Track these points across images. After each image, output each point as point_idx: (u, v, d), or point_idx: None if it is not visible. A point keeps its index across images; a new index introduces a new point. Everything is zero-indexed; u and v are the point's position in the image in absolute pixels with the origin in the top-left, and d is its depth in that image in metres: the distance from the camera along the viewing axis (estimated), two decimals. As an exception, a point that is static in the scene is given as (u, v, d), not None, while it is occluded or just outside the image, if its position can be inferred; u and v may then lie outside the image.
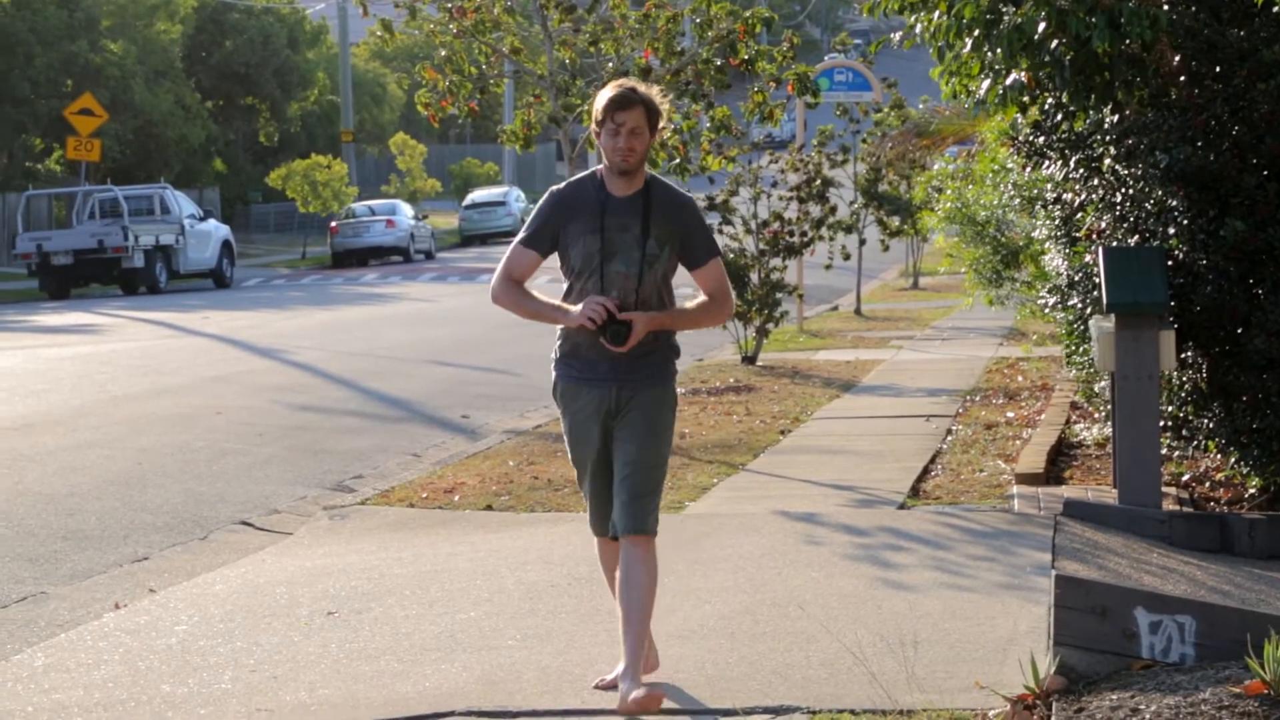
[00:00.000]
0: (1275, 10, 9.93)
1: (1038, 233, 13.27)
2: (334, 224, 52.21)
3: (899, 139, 29.13)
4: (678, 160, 15.20)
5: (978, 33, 9.66)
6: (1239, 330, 10.09)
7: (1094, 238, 11.00)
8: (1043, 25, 9.33)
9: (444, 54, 15.45)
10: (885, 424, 14.57)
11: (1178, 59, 10.02)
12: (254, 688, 7.11)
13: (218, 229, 43.53)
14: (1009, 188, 15.58)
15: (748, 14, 14.75)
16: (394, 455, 13.89)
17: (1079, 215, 11.47)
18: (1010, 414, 14.63)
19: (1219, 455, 11.08)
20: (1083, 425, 13.38)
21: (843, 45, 31.93)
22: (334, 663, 7.43)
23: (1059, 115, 10.80)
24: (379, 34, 16.07)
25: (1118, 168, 10.61)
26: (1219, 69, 10.11)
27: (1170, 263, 10.13)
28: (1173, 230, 10.26)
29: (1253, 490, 10.57)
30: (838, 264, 25.25)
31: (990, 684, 6.43)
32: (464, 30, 15.26)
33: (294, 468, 13.17)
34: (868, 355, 21.20)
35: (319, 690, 7.02)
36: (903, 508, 10.67)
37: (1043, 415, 14.20)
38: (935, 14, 9.93)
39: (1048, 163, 11.25)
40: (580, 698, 6.63)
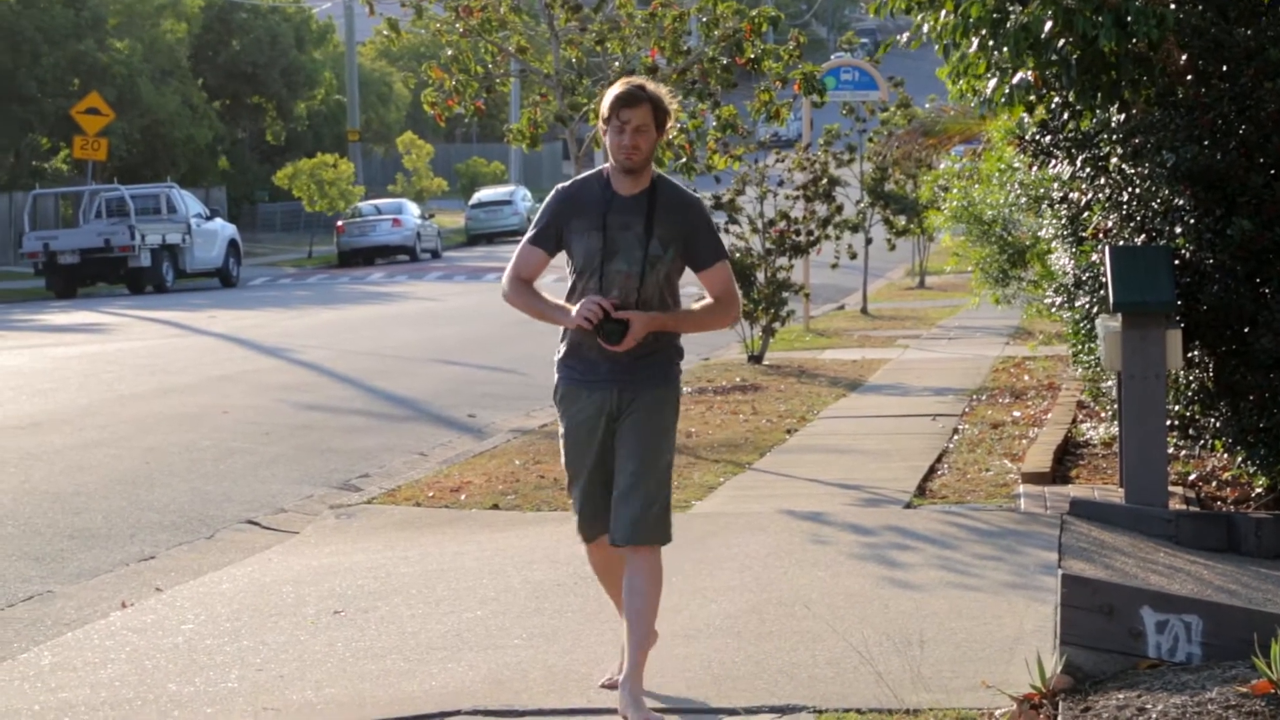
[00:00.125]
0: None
1: (1044, 232, 13.27)
2: (340, 223, 52.22)
3: (905, 138, 29.13)
4: (684, 159, 15.19)
5: (984, 32, 9.65)
6: (1246, 329, 10.08)
7: (1101, 237, 10.99)
8: (1049, 24, 9.32)
9: (450, 53, 15.45)
10: (891, 423, 14.57)
11: (1184, 58, 10.01)
12: (260, 686, 7.12)
13: (224, 228, 43.56)
14: (1015, 187, 15.57)
15: (754, 13, 14.74)
16: (400, 454, 13.90)
17: (1085, 214, 11.46)
18: (1017, 413, 14.62)
19: (1226, 454, 11.07)
20: (1089, 424, 13.37)
21: (849, 44, 32.02)
22: (340, 662, 7.43)
23: (1065, 114, 10.79)
24: (385, 33, 16.08)
25: (1124, 167, 10.60)
26: (1226, 68, 10.10)
27: (1177, 262, 10.12)
28: (1179, 229, 10.25)
29: (1259, 489, 10.56)
30: (844, 263, 25.25)
31: (996, 683, 6.43)
32: (470, 29, 15.26)
33: (300, 467, 13.18)
34: (874, 354, 21.19)
35: (325, 689, 7.03)
36: (909, 507, 10.66)
37: (1049, 414, 14.19)
38: (942, 13, 9.92)
39: (1054, 162, 11.24)
40: (586, 697, 6.62)
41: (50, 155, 55.90)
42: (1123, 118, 10.41)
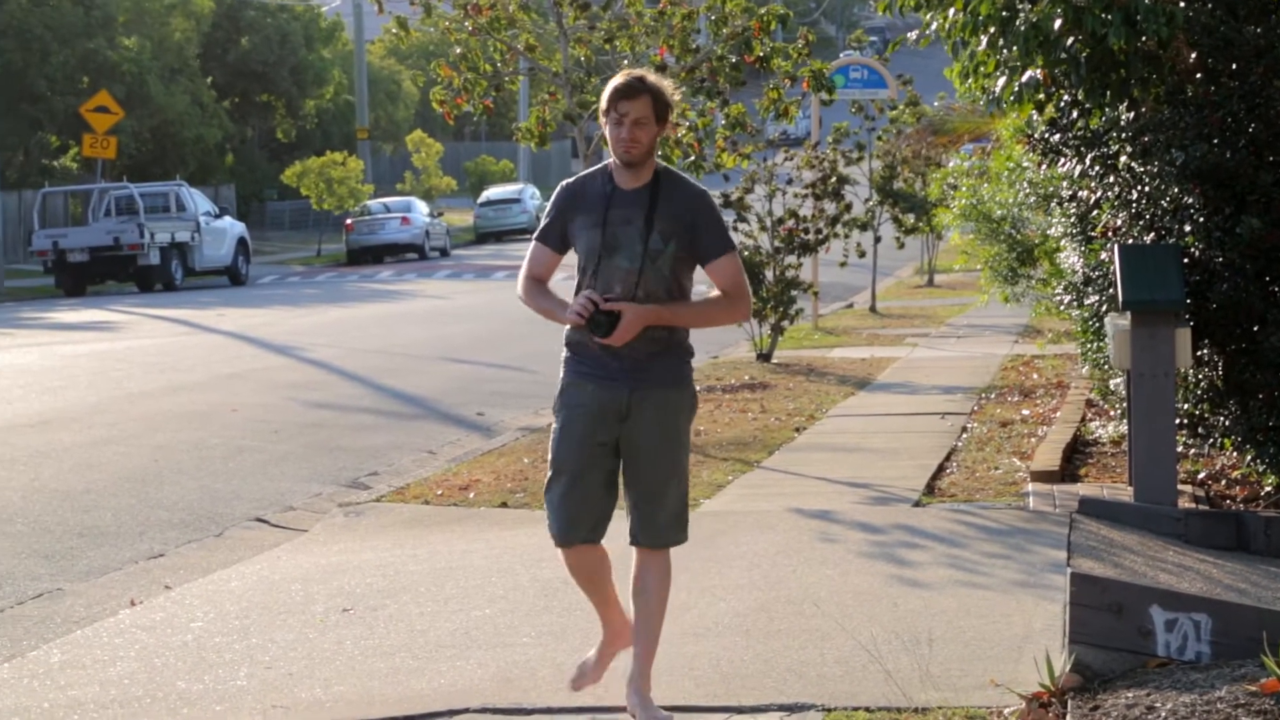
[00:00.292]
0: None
1: (1053, 230, 13.25)
2: (349, 221, 52.24)
3: (914, 136, 29.13)
4: (693, 157, 15.18)
5: (993, 30, 9.64)
6: (1255, 328, 10.08)
7: (1110, 235, 10.98)
8: (1058, 22, 9.31)
9: (459, 51, 15.45)
10: (900, 421, 14.56)
11: (1194, 56, 9.99)
12: (269, 684, 7.13)
13: (233, 226, 43.59)
14: (1024, 185, 15.56)
15: (763, 11, 14.72)
16: (409, 452, 13.91)
17: (1094, 212, 11.45)
18: (1025, 411, 14.61)
19: (1235, 453, 11.05)
20: (1098, 423, 13.36)
21: (858, 42, 31.99)
22: (349, 660, 7.44)
23: (1074, 112, 10.78)
24: (394, 31, 16.07)
25: (1133, 165, 10.59)
26: (1235, 66, 10.09)
27: (1186, 260, 10.11)
28: (1189, 227, 10.24)
29: (1269, 488, 10.55)
30: (853, 261, 25.23)
31: (1005, 682, 6.43)
32: (479, 27, 15.26)
33: (309, 465, 13.19)
34: (883, 353, 21.18)
35: (334, 687, 7.03)
36: (918, 505, 10.66)
37: (1058, 413, 14.18)
38: (951, 11, 9.91)
39: (1063, 160, 11.23)
40: (594, 695, 6.62)
41: (60, 153, 55.96)
42: (1132, 116, 10.40)
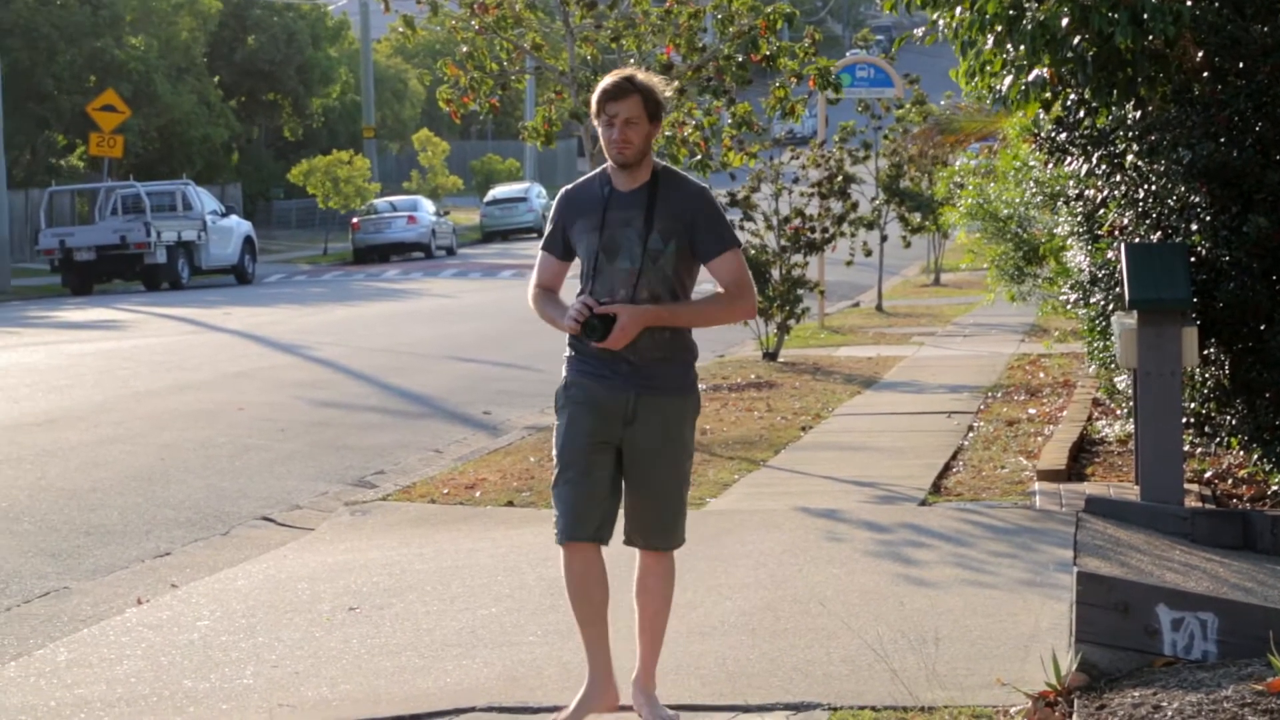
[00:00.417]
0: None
1: (1060, 229, 13.25)
2: (355, 220, 52.25)
3: (921, 136, 29.10)
4: (699, 156, 15.20)
5: (1000, 29, 9.63)
6: (1262, 327, 10.07)
7: (1116, 234, 10.97)
8: (1065, 21, 9.31)
9: (465, 50, 15.46)
10: (907, 420, 14.56)
11: (1200, 55, 9.99)
12: (276, 683, 7.13)
13: (240, 225, 43.61)
14: (1031, 184, 15.55)
15: (769, 10, 14.72)
16: (415, 451, 13.91)
17: (1101, 211, 11.45)
18: (1032, 410, 14.60)
19: (1241, 452, 11.05)
20: (1105, 422, 13.35)
21: (865, 41, 31.98)
22: (355, 658, 7.44)
23: (1081, 111, 10.78)
24: (401, 30, 16.09)
25: (1140, 164, 10.58)
26: (1242, 65, 10.08)
27: (1193, 259, 10.10)
28: (1195, 226, 10.23)
29: (1275, 487, 10.53)
30: (859, 260, 25.23)
31: (1012, 681, 6.42)
32: (485, 26, 15.27)
33: (316, 463, 13.20)
34: (889, 351, 21.17)
35: (340, 686, 7.04)
36: (924, 504, 10.66)
37: (1064, 412, 14.17)
38: (958, 10, 9.91)
39: (1070, 159, 11.22)
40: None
41: (66, 152, 56.01)
42: (1139, 115, 10.39)
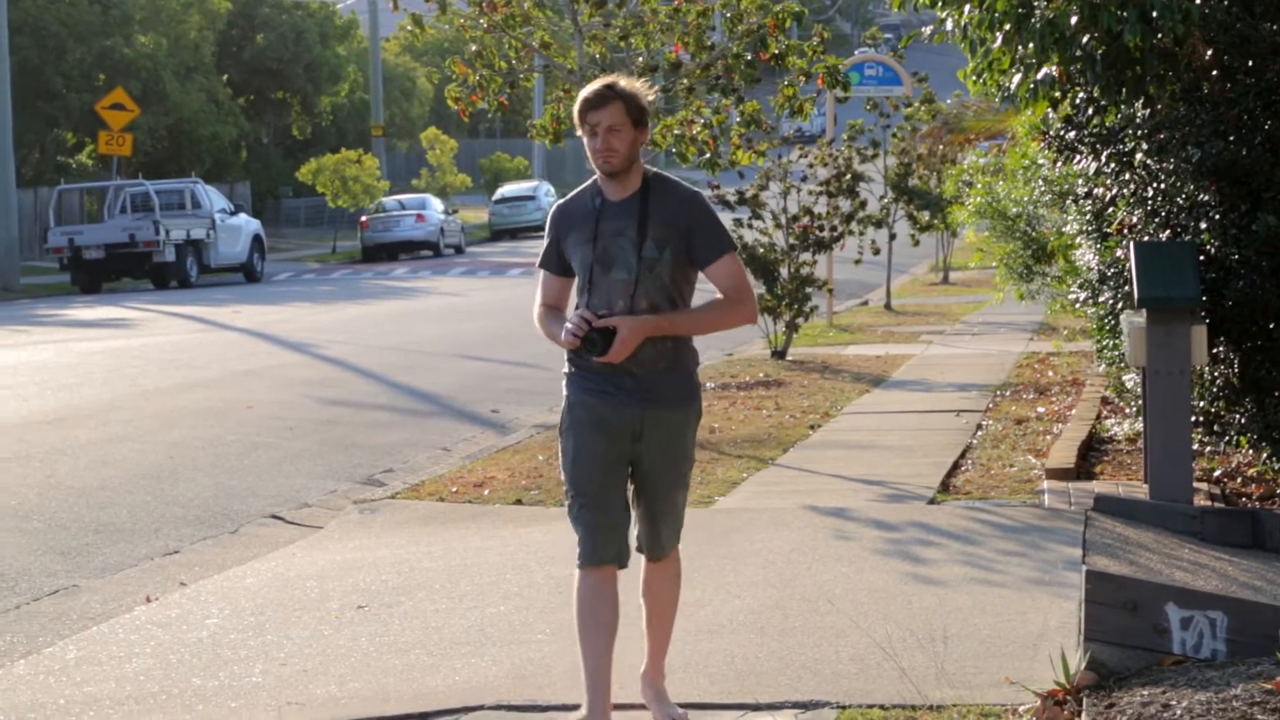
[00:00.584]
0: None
1: (1068, 227, 13.23)
2: (364, 218, 52.27)
3: (929, 134, 29.09)
4: (708, 155, 15.19)
5: (1009, 27, 9.62)
6: (1271, 325, 10.06)
7: (1125, 232, 10.96)
8: (1074, 19, 9.29)
9: (474, 48, 15.45)
10: (915, 419, 14.55)
11: (1210, 53, 9.97)
12: (284, 681, 7.14)
13: (248, 223, 43.66)
14: (1040, 182, 15.53)
15: (778, 8, 14.71)
16: (424, 449, 13.92)
17: (1110, 210, 11.44)
18: (1041, 409, 14.59)
19: (1251, 451, 11.03)
20: (1114, 420, 13.34)
21: (873, 40, 31.91)
22: (364, 656, 7.45)
23: (1090, 110, 10.76)
24: (409, 29, 16.08)
25: (1149, 162, 10.57)
26: (1251, 63, 10.07)
27: (1202, 257, 10.09)
28: (1204, 225, 10.22)
29: (1285, 486, 10.53)
30: (867, 259, 25.22)
31: (1021, 679, 6.42)
32: (494, 25, 15.26)
33: (324, 462, 13.21)
34: (897, 350, 21.16)
35: (349, 683, 7.04)
36: (933, 503, 10.65)
37: (1073, 410, 14.16)
38: (966, 8, 9.90)
39: (1079, 157, 11.21)
40: (612, 692, 6.62)
41: (75, 151, 56.07)
42: (1148, 113, 10.38)
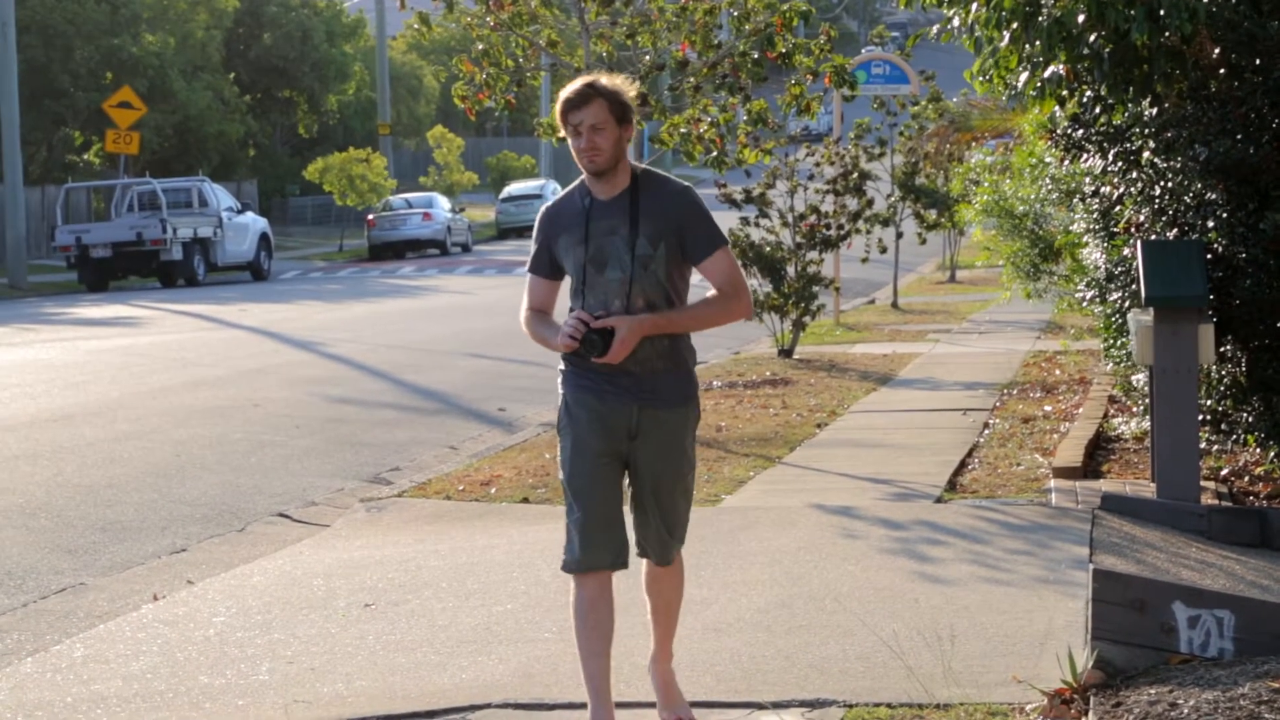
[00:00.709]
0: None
1: (1076, 226, 13.22)
2: (371, 217, 52.32)
3: (936, 133, 29.06)
4: (715, 153, 15.19)
5: (1016, 25, 9.62)
6: (1279, 324, 10.04)
7: (1132, 231, 10.96)
8: (1082, 17, 9.29)
9: (481, 47, 15.45)
10: (922, 418, 14.54)
11: (1217, 51, 9.96)
12: (291, 679, 7.14)
13: (255, 222, 43.67)
14: (1047, 181, 15.52)
15: (785, 7, 14.70)
16: (431, 448, 13.92)
17: (1117, 208, 11.43)
18: (1048, 408, 14.58)
19: (1258, 449, 11.02)
20: (1121, 419, 13.33)
21: (880, 38, 31.93)
22: (371, 654, 7.45)
23: (1097, 108, 10.75)
24: (416, 27, 16.08)
25: (1156, 161, 10.56)
26: (1259, 61, 10.06)
27: (1209, 256, 10.08)
28: (1212, 223, 10.21)
29: (1292, 484, 10.52)
30: (874, 257, 25.20)
31: (1027, 678, 6.42)
32: (501, 23, 15.26)
33: (331, 460, 13.21)
34: (904, 349, 21.15)
35: (356, 682, 7.04)
36: (939, 501, 10.65)
37: (1080, 409, 14.15)
38: (973, 6, 9.89)
39: (1086, 156, 11.21)
40: (617, 690, 6.60)
41: (83, 149, 56.13)
42: (1155, 111, 10.37)
